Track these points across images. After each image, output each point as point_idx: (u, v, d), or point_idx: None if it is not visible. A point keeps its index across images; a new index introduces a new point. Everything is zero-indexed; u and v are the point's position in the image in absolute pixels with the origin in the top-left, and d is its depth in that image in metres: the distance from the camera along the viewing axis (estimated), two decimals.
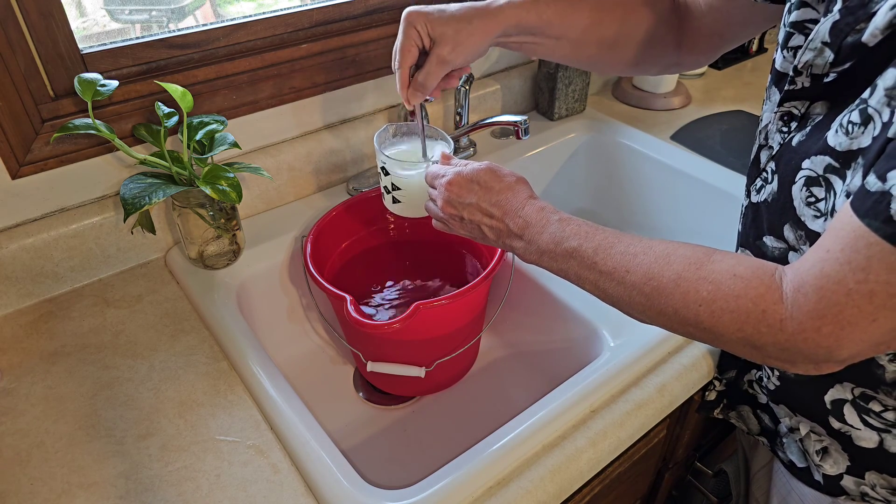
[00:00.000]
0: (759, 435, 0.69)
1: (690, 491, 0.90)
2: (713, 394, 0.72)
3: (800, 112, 0.52)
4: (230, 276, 0.76)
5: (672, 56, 0.71)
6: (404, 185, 0.67)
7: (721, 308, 0.44)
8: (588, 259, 0.52)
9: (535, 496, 0.55)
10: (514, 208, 0.57)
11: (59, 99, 0.67)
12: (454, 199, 0.59)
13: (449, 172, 0.60)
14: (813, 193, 0.48)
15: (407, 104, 0.64)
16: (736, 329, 0.44)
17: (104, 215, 0.73)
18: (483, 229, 0.59)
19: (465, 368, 0.83)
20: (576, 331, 0.74)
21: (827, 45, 0.46)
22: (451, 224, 0.62)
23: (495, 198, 0.58)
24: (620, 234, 0.53)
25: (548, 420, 0.59)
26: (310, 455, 0.56)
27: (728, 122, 1.11)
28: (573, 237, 0.53)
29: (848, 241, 0.38)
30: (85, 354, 0.67)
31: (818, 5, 0.50)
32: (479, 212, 0.58)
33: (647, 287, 0.48)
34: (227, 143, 0.72)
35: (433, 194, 0.62)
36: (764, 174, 0.56)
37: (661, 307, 0.48)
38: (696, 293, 0.46)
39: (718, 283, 0.45)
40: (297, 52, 0.81)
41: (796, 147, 0.51)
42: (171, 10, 0.83)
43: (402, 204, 0.69)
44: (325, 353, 0.88)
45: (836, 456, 0.59)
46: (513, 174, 0.60)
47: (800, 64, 0.49)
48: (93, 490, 0.54)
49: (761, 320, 0.43)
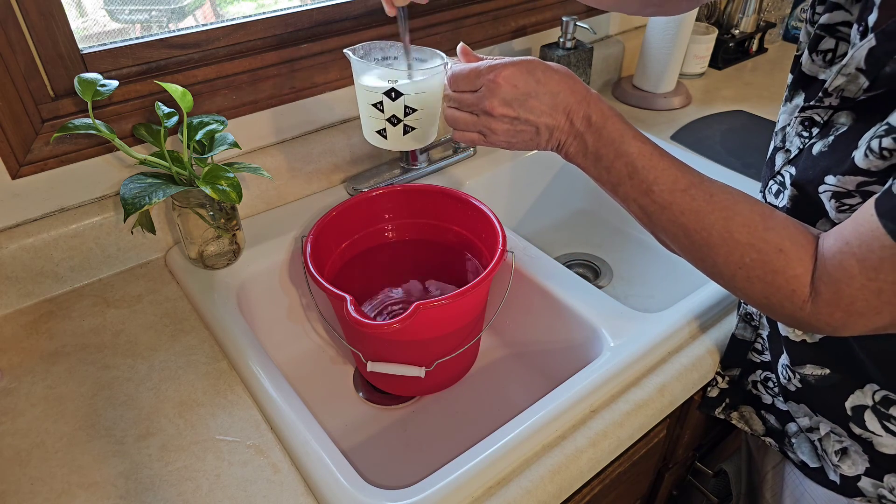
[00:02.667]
0: (765, 436, 0.68)
1: (690, 491, 0.90)
2: (715, 390, 0.72)
3: (822, 119, 0.51)
4: (230, 276, 0.76)
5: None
6: (424, 102, 0.55)
7: (758, 276, 0.47)
8: (645, 186, 0.50)
9: (535, 496, 0.55)
10: (577, 103, 0.52)
11: (59, 99, 0.67)
12: (509, 95, 0.51)
13: (497, 65, 0.51)
14: (845, 203, 0.48)
15: (389, 7, 0.55)
16: (763, 296, 0.47)
17: (104, 215, 0.73)
18: (539, 129, 0.52)
19: (465, 368, 0.83)
20: (576, 331, 0.74)
21: (862, 72, 0.46)
22: (494, 128, 0.53)
23: (556, 89, 0.51)
24: (683, 166, 0.51)
25: (548, 420, 0.59)
26: (310, 455, 0.56)
27: (728, 122, 1.11)
28: (638, 156, 0.50)
29: (865, 238, 0.40)
30: (85, 354, 0.67)
31: (852, 7, 0.49)
32: (538, 108, 0.51)
33: (697, 236, 0.49)
34: (227, 143, 0.72)
35: (467, 99, 0.53)
36: (779, 177, 0.56)
37: (702, 256, 0.49)
38: (740, 257, 0.47)
39: (764, 253, 0.46)
40: (297, 52, 0.81)
41: (817, 157, 0.50)
42: (171, 10, 0.83)
43: (417, 131, 0.57)
44: (325, 353, 0.88)
45: (854, 457, 0.58)
46: (560, 65, 0.53)
47: (830, 87, 0.49)
48: (93, 490, 0.54)
49: (788, 297, 0.46)
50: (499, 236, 0.72)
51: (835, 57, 0.51)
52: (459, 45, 0.56)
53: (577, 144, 0.53)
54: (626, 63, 1.24)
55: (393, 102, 0.54)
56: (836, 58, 0.51)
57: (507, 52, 1.05)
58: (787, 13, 1.43)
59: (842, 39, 0.50)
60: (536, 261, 0.79)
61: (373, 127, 0.58)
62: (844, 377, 0.56)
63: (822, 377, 0.58)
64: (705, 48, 1.24)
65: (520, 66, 0.51)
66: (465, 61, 0.55)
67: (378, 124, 0.57)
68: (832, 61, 0.51)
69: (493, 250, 0.73)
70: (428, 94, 0.55)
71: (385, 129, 0.57)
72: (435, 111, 0.57)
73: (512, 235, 0.83)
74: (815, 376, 0.58)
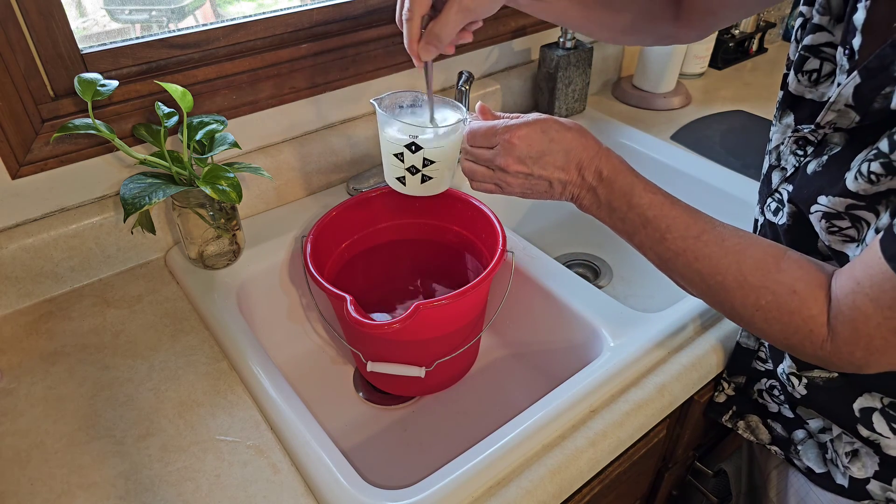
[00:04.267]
0: (771, 444, 0.68)
1: (690, 491, 0.90)
2: (722, 396, 0.72)
3: (815, 139, 0.52)
4: (230, 276, 0.76)
5: (668, 28, 0.69)
6: (441, 156, 0.59)
7: (775, 318, 0.47)
8: (659, 234, 0.52)
9: (535, 496, 0.55)
10: (589, 159, 0.54)
11: (59, 99, 0.67)
12: (524, 153, 0.54)
13: (513, 125, 0.54)
14: (835, 225, 0.49)
15: (417, 61, 0.56)
16: (783, 337, 0.48)
17: (104, 215, 0.73)
18: (553, 184, 0.55)
19: (465, 368, 0.83)
20: (576, 331, 0.74)
21: (852, 108, 0.47)
22: (509, 182, 0.56)
23: (569, 147, 0.54)
24: (696, 213, 0.52)
25: (548, 420, 0.59)
26: (310, 455, 0.56)
27: (728, 122, 1.11)
28: (649, 207, 0.52)
29: (876, 279, 0.41)
30: (85, 355, 0.67)
31: (833, 28, 0.50)
32: (552, 165, 0.54)
33: (712, 280, 0.50)
34: (227, 143, 0.72)
35: (483, 154, 0.56)
36: (777, 195, 0.56)
37: (720, 300, 0.50)
38: (755, 300, 0.48)
39: (778, 295, 0.47)
40: (297, 52, 0.81)
41: (811, 177, 0.51)
42: (171, 10, 0.83)
43: (434, 181, 0.60)
44: (325, 353, 0.88)
45: (865, 459, 0.58)
46: (573, 122, 0.56)
47: (823, 121, 0.49)
48: (93, 490, 0.54)
49: (807, 337, 0.46)
50: (499, 236, 0.72)
51: (820, 77, 0.52)
52: (478, 104, 0.60)
53: (591, 197, 0.55)
54: (626, 63, 1.24)
55: (413, 154, 0.58)
56: (821, 77, 0.52)
57: (507, 51, 1.05)
58: (787, 13, 1.43)
59: (826, 60, 0.51)
60: (536, 261, 0.79)
61: (393, 174, 0.61)
62: (851, 380, 0.56)
63: (829, 379, 0.58)
64: (705, 48, 1.24)
65: (534, 126, 0.54)
66: (482, 118, 0.58)
67: (398, 172, 0.60)
68: (818, 81, 0.52)
69: (493, 250, 0.73)
70: (446, 149, 0.59)
71: (404, 177, 0.60)
72: (452, 163, 0.60)
73: (512, 235, 0.83)
74: (824, 378, 0.58)
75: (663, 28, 0.70)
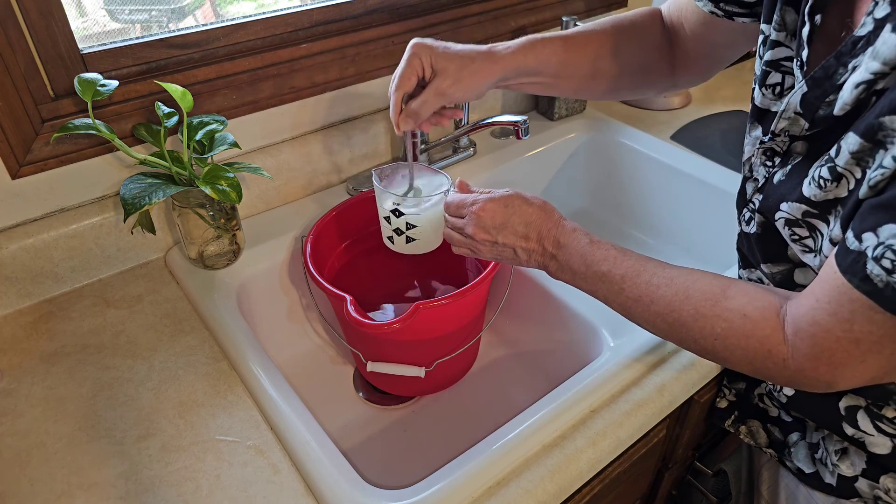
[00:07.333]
0: (768, 447, 0.69)
1: (690, 491, 0.90)
2: (724, 402, 0.73)
3: (781, 150, 0.54)
4: (230, 276, 0.76)
5: (668, 80, 0.74)
6: (422, 221, 0.66)
7: (734, 344, 0.49)
8: (616, 285, 0.55)
9: (535, 496, 0.55)
10: (548, 230, 0.59)
11: (59, 99, 0.67)
12: (489, 224, 0.60)
13: (480, 199, 0.60)
14: (795, 232, 0.51)
15: (396, 129, 0.64)
16: (746, 362, 0.50)
17: (104, 215, 0.73)
18: (517, 251, 0.60)
19: (465, 368, 0.83)
20: (576, 331, 0.74)
21: (801, 116, 0.49)
22: (480, 248, 0.62)
23: (529, 220, 0.59)
24: (646, 260, 0.55)
25: (548, 420, 0.59)
26: (310, 455, 0.56)
27: (728, 122, 1.11)
28: (603, 262, 0.56)
29: (833, 294, 0.43)
30: (85, 355, 0.67)
31: (791, 42, 0.53)
32: (513, 235, 0.59)
33: (670, 318, 0.53)
34: (227, 143, 0.72)
35: (457, 223, 0.63)
36: (751, 205, 0.58)
37: (681, 336, 0.53)
38: (711, 329, 0.50)
39: (730, 321, 0.49)
40: (297, 52, 0.81)
41: (777, 185, 0.53)
42: (171, 10, 0.83)
43: (417, 242, 0.68)
44: (325, 353, 0.88)
45: (853, 458, 0.59)
46: (538, 198, 0.62)
47: (777, 129, 0.52)
48: (93, 491, 0.54)
49: (768, 357, 0.48)
50: None
51: (783, 90, 0.54)
52: (458, 180, 0.66)
53: (554, 264, 0.59)
54: None
55: (397, 219, 0.67)
56: (784, 90, 0.54)
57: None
58: None
59: (787, 73, 0.54)
60: None
61: (385, 233, 0.70)
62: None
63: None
64: None
65: (498, 201, 0.60)
66: (460, 192, 0.64)
67: (387, 232, 0.69)
68: (781, 94, 0.54)
69: None
70: (428, 215, 0.66)
71: (392, 237, 0.69)
72: (435, 226, 0.67)
73: None
74: None
75: (663, 81, 0.74)
